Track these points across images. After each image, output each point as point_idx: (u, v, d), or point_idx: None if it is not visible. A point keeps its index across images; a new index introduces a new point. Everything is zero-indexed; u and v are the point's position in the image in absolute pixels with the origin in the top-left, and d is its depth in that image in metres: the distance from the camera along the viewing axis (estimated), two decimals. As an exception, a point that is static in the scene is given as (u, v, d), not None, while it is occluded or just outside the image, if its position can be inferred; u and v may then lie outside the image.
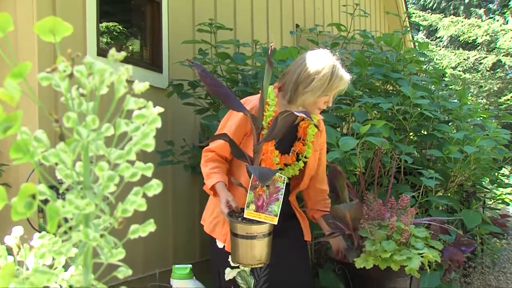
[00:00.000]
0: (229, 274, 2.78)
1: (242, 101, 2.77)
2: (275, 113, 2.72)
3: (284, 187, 2.56)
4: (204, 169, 2.74)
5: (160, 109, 0.63)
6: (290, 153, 2.82)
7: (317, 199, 2.98)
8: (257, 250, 2.54)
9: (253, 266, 2.64)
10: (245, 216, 2.51)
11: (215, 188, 2.64)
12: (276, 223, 2.50)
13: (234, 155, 2.63)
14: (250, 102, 2.76)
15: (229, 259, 2.74)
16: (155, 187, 0.61)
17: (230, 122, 2.77)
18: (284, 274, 2.80)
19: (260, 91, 2.63)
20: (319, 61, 2.73)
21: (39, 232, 0.78)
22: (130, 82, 0.60)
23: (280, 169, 2.78)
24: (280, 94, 2.81)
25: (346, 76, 2.75)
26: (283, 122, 2.46)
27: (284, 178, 2.59)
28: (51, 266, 0.77)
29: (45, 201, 0.60)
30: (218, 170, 2.69)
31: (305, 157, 2.83)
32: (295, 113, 2.42)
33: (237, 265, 2.73)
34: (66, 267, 0.81)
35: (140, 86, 0.60)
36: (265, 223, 2.50)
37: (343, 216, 2.72)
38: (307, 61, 2.76)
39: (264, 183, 2.47)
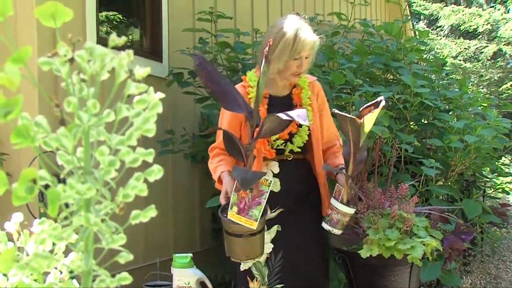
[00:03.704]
0: (244, 264, 2.78)
1: None
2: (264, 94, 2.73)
3: (269, 190, 2.52)
4: (211, 166, 2.78)
5: (161, 95, 0.62)
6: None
7: (328, 158, 2.91)
8: (244, 248, 2.56)
9: (242, 261, 2.65)
10: (228, 217, 2.51)
11: (221, 180, 2.65)
12: (254, 228, 2.47)
13: (228, 153, 2.63)
14: None
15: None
16: (156, 172, 0.61)
17: (225, 119, 2.80)
18: (298, 261, 2.80)
19: (243, 78, 2.62)
20: (283, 27, 2.72)
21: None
22: (130, 71, 0.60)
23: (286, 140, 2.76)
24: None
25: (310, 37, 2.72)
26: (270, 128, 2.45)
27: (270, 181, 2.54)
28: (51, 252, 0.77)
29: (47, 188, 0.60)
30: (223, 163, 2.71)
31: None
32: (279, 116, 2.41)
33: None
34: (66, 253, 0.81)
35: (141, 72, 0.60)
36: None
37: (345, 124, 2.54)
38: (273, 30, 2.77)
39: (245, 188, 2.45)
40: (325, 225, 2.68)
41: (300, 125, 2.78)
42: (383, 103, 2.51)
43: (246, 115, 2.49)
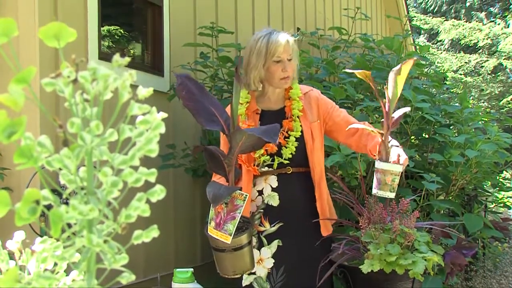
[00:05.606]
0: (245, 280, 2.78)
1: None
2: (249, 110, 2.78)
3: (244, 204, 2.52)
4: None
5: (164, 115, 0.63)
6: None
7: (361, 139, 2.77)
8: (230, 262, 2.57)
9: (229, 277, 2.65)
10: (208, 232, 2.55)
11: None
12: (229, 242, 2.48)
13: (210, 169, 2.65)
14: None
15: None
16: (158, 193, 0.61)
17: (221, 137, 2.88)
18: (300, 277, 2.78)
19: (230, 105, 2.66)
20: (255, 38, 2.77)
21: (41, 236, 0.78)
22: (133, 86, 0.61)
23: (273, 154, 2.74)
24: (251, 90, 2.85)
25: (283, 37, 2.75)
26: (250, 144, 2.47)
27: (246, 195, 2.53)
28: (52, 271, 0.77)
29: (48, 206, 0.60)
30: (221, 181, 2.70)
31: (295, 131, 2.76)
32: (245, 131, 2.43)
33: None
34: (67, 271, 0.81)
35: (144, 92, 0.61)
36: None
37: None
38: (248, 45, 2.82)
39: (215, 204, 2.47)
40: (373, 190, 2.56)
41: (286, 137, 2.77)
42: (414, 58, 2.47)
43: (223, 132, 2.51)
